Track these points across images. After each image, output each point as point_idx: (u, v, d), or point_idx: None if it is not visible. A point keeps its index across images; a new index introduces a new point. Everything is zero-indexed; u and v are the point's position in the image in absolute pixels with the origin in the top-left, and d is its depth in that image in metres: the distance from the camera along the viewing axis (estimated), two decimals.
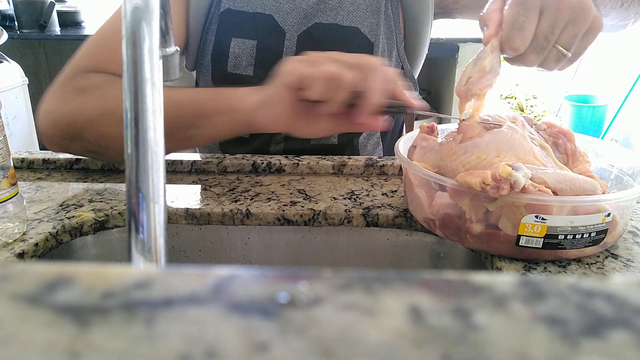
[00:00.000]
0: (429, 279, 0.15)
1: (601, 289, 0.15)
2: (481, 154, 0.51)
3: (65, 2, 2.37)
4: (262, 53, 0.75)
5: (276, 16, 0.75)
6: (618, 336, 0.13)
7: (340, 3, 0.76)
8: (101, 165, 0.71)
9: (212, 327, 0.13)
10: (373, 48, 0.76)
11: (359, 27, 0.76)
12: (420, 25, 0.80)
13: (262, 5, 0.76)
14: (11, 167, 0.51)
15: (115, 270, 0.16)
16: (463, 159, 0.52)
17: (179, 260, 0.63)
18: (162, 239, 0.32)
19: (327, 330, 0.13)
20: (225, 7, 0.76)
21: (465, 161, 0.51)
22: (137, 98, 0.31)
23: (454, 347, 0.12)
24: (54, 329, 0.13)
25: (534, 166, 0.50)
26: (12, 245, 0.52)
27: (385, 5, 0.78)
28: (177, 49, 0.48)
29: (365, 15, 0.76)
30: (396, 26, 0.79)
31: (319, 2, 0.75)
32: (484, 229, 0.49)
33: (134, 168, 0.31)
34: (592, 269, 0.50)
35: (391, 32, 0.79)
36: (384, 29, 0.78)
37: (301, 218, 0.60)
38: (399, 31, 0.79)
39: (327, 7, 0.76)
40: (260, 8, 0.76)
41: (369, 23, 0.76)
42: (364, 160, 0.72)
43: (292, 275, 0.15)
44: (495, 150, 0.51)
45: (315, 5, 0.75)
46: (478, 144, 0.52)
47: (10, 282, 0.15)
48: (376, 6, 0.77)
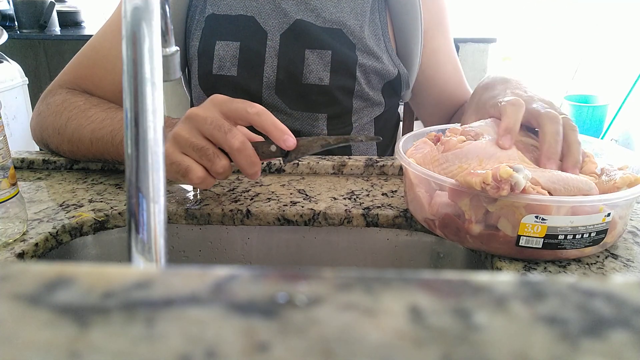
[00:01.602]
0: (429, 279, 0.15)
1: (601, 289, 0.15)
2: (462, 164, 0.51)
3: (65, 2, 2.37)
4: (246, 54, 0.76)
5: (257, 17, 0.76)
6: (618, 336, 0.13)
7: (322, 3, 0.76)
8: (101, 165, 0.71)
9: (212, 327, 0.13)
10: (355, 49, 0.77)
11: (342, 29, 0.77)
12: (409, 36, 0.81)
13: (244, 7, 0.77)
14: (11, 167, 0.51)
15: (115, 270, 0.16)
16: (445, 166, 0.52)
17: (179, 260, 0.63)
18: (162, 239, 0.32)
19: (327, 330, 0.13)
20: (210, 12, 0.77)
21: (447, 169, 0.52)
22: (137, 98, 0.31)
23: (454, 347, 0.12)
24: (54, 329, 0.13)
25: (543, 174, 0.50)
26: (12, 245, 0.52)
27: (371, 11, 0.78)
28: (177, 49, 0.49)
29: (349, 17, 0.77)
30: (385, 35, 0.80)
31: (300, 1, 0.76)
32: (483, 229, 0.49)
33: (134, 168, 0.31)
34: (592, 269, 0.50)
35: (379, 39, 0.79)
36: (368, 33, 0.78)
37: (301, 218, 0.60)
38: (389, 39, 0.80)
39: (308, 7, 0.76)
40: (242, 10, 0.77)
41: (352, 24, 0.77)
42: (364, 160, 0.72)
43: (292, 275, 0.15)
44: (477, 159, 0.51)
45: (296, 5, 0.76)
46: (458, 154, 0.52)
47: (10, 282, 0.15)
48: (360, 9, 0.78)
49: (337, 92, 0.77)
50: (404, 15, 0.80)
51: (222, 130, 0.51)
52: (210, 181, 0.54)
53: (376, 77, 0.79)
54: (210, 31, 0.78)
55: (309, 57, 0.76)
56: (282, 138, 0.52)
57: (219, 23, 0.77)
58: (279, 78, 0.77)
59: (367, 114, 0.82)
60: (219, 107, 0.53)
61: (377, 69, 0.78)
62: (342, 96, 0.78)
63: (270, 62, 0.76)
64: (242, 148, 0.52)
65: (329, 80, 0.76)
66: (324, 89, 0.77)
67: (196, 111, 0.53)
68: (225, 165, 0.53)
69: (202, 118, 0.52)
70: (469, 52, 1.89)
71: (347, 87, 0.78)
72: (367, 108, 0.81)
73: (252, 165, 0.53)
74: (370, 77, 0.79)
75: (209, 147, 0.52)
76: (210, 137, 0.52)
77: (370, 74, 0.78)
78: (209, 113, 0.52)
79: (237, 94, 0.77)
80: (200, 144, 0.52)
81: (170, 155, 0.52)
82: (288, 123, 0.76)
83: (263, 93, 0.77)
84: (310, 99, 0.78)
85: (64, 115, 0.69)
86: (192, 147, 0.52)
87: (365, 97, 0.79)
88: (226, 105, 0.53)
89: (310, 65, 0.76)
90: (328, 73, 0.76)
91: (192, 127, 0.52)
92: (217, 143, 0.52)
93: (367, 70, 0.78)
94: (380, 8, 0.79)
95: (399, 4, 0.79)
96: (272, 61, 0.76)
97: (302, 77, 0.76)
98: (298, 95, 0.77)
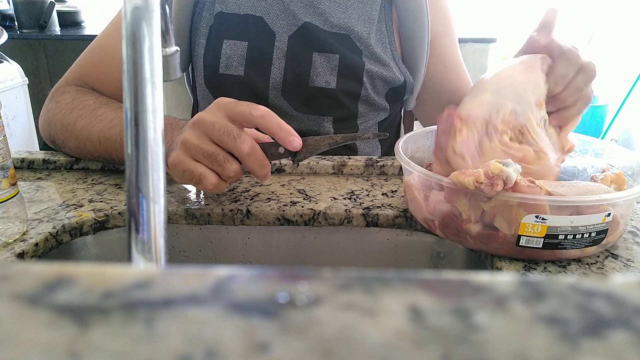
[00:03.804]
0: (429, 279, 0.15)
1: (601, 289, 0.15)
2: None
3: (65, 2, 2.37)
4: (253, 54, 0.76)
5: (266, 18, 0.76)
6: (618, 336, 0.13)
7: (330, 8, 0.76)
8: (101, 165, 0.71)
9: (212, 327, 0.13)
10: (362, 55, 0.77)
11: (349, 35, 0.77)
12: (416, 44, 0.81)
13: (253, 7, 0.77)
14: (11, 167, 0.51)
15: (115, 270, 0.16)
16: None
17: (179, 260, 0.63)
18: (162, 239, 0.32)
19: (327, 330, 0.13)
20: (218, 10, 0.77)
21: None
22: (137, 98, 0.31)
23: (454, 347, 0.12)
24: (54, 329, 0.13)
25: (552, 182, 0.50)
26: (12, 245, 0.52)
27: (379, 19, 0.79)
28: (177, 49, 0.49)
29: (357, 23, 0.77)
30: (392, 43, 0.80)
31: (308, 5, 0.76)
32: (481, 229, 0.49)
33: (134, 168, 0.31)
34: (592, 269, 0.50)
35: (385, 46, 0.79)
36: (375, 40, 0.78)
37: (301, 218, 0.60)
38: (395, 47, 0.80)
39: (316, 11, 0.76)
40: (251, 10, 0.77)
41: (360, 30, 0.77)
42: (364, 160, 0.72)
43: (292, 275, 0.15)
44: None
45: (305, 8, 0.76)
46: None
47: (10, 282, 0.15)
48: (368, 17, 0.78)
49: (343, 96, 0.77)
50: (410, 23, 0.80)
51: (230, 136, 0.52)
52: (223, 185, 0.55)
53: (382, 83, 0.79)
54: (218, 29, 0.77)
55: (316, 60, 0.76)
56: (288, 139, 0.53)
57: (227, 21, 0.77)
58: (285, 80, 0.77)
59: (372, 117, 0.82)
60: (225, 110, 0.53)
61: (384, 76, 0.78)
62: (348, 100, 0.78)
63: (277, 64, 0.76)
64: (251, 152, 0.52)
65: (335, 84, 0.76)
66: (330, 93, 0.77)
67: (203, 117, 0.53)
68: (236, 169, 0.53)
69: (210, 124, 0.52)
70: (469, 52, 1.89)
71: (354, 91, 0.78)
72: (372, 112, 0.81)
73: (262, 167, 0.54)
74: (376, 82, 0.79)
75: (219, 153, 0.52)
76: (220, 143, 0.52)
77: (376, 79, 0.78)
78: (216, 118, 0.52)
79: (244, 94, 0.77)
80: (210, 150, 0.52)
81: (182, 163, 0.53)
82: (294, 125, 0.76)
83: (269, 94, 0.77)
84: (316, 101, 0.77)
85: (73, 113, 0.69)
86: (203, 154, 0.52)
87: (371, 102, 0.80)
88: (231, 108, 0.53)
89: (317, 68, 0.76)
90: (335, 77, 0.76)
91: (200, 133, 0.53)
92: (226, 148, 0.53)
93: (373, 77, 0.78)
94: (387, 16, 0.79)
95: (406, 11, 0.79)
96: (280, 62, 0.76)
97: (309, 80, 0.76)
98: (304, 97, 0.77)
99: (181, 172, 0.53)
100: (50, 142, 0.75)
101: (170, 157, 0.54)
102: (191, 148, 0.53)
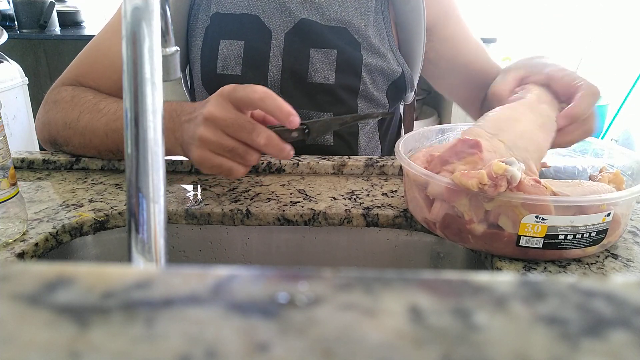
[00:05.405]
0: (429, 279, 0.15)
1: (601, 289, 0.15)
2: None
3: (65, 2, 2.37)
4: (250, 53, 0.77)
5: (262, 16, 0.77)
6: (618, 336, 0.13)
7: (327, 2, 0.77)
8: (101, 165, 0.71)
9: (212, 327, 0.13)
10: (360, 48, 0.77)
11: (347, 28, 0.77)
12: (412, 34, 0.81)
13: (248, 6, 0.77)
14: (11, 167, 0.51)
15: (115, 270, 0.16)
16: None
17: (179, 260, 0.63)
18: (162, 239, 0.32)
19: (327, 330, 0.13)
20: (214, 11, 0.77)
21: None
22: (137, 98, 0.31)
23: (454, 347, 0.12)
24: (54, 329, 0.13)
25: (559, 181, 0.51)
26: (12, 245, 0.52)
27: (375, 10, 0.79)
28: (177, 49, 0.49)
29: (354, 16, 0.77)
30: (389, 33, 0.80)
31: (304, 0, 0.76)
32: (486, 228, 0.49)
33: (134, 168, 0.31)
34: (592, 269, 0.50)
35: (383, 37, 0.80)
36: (373, 32, 0.78)
37: (301, 218, 0.60)
38: (392, 38, 0.81)
39: (312, 6, 0.76)
40: (247, 9, 0.77)
41: (357, 23, 0.77)
42: (364, 160, 0.72)
43: (292, 275, 0.15)
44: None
45: (301, 4, 0.76)
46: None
47: (10, 282, 0.15)
48: (365, 9, 0.78)
49: (342, 91, 0.77)
50: (407, 12, 0.80)
51: (245, 131, 0.54)
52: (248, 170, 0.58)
53: (381, 78, 0.79)
54: (214, 30, 0.78)
55: (314, 56, 0.76)
56: (288, 120, 0.54)
57: (223, 22, 0.77)
58: (283, 77, 0.77)
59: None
60: (229, 100, 0.55)
61: (382, 68, 0.78)
62: (347, 96, 0.78)
63: (275, 61, 0.77)
64: (268, 143, 0.54)
65: (334, 80, 0.77)
66: (329, 88, 0.77)
67: (213, 112, 0.54)
68: (257, 158, 0.57)
69: (222, 120, 0.54)
70: None
71: (352, 86, 0.78)
72: (372, 109, 0.81)
73: (281, 151, 0.56)
74: (375, 77, 0.79)
75: (238, 147, 0.55)
76: (237, 137, 0.55)
77: (375, 73, 0.78)
78: (225, 112, 0.54)
79: None
80: (230, 145, 0.55)
81: (209, 160, 0.56)
82: None
83: None
84: (315, 98, 0.78)
85: (75, 109, 0.70)
86: (223, 149, 0.55)
87: (370, 97, 0.79)
88: (234, 97, 0.55)
89: (315, 64, 0.76)
90: (333, 72, 0.76)
91: (216, 129, 0.55)
92: (244, 142, 0.55)
93: (372, 70, 0.78)
94: (384, 7, 0.80)
95: (402, 2, 0.80)
96: (277, 60, 0.76)
97: (307, 76, 0.77)
98: (303, 94, 0.78)
99: (209, 168, 0.56)
100: (50, 143, 0.74)
101: (194, 154, 0.56)
102: (211, 145, 0.55)
